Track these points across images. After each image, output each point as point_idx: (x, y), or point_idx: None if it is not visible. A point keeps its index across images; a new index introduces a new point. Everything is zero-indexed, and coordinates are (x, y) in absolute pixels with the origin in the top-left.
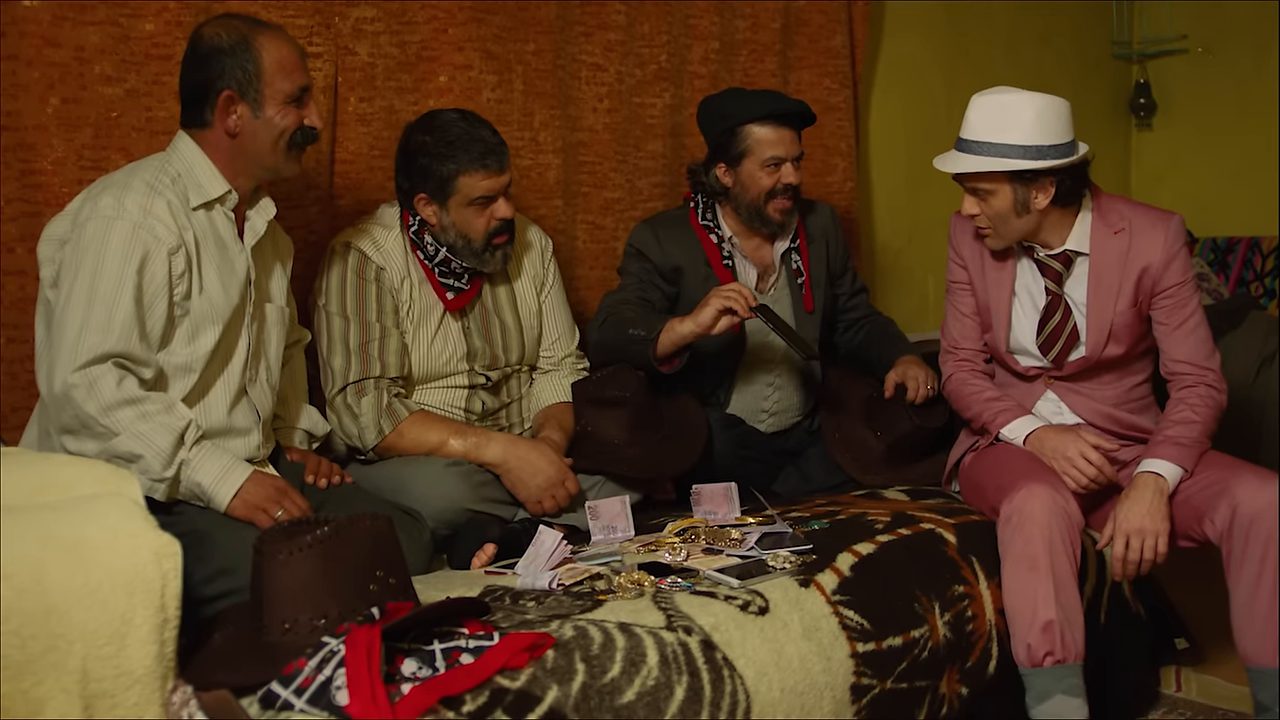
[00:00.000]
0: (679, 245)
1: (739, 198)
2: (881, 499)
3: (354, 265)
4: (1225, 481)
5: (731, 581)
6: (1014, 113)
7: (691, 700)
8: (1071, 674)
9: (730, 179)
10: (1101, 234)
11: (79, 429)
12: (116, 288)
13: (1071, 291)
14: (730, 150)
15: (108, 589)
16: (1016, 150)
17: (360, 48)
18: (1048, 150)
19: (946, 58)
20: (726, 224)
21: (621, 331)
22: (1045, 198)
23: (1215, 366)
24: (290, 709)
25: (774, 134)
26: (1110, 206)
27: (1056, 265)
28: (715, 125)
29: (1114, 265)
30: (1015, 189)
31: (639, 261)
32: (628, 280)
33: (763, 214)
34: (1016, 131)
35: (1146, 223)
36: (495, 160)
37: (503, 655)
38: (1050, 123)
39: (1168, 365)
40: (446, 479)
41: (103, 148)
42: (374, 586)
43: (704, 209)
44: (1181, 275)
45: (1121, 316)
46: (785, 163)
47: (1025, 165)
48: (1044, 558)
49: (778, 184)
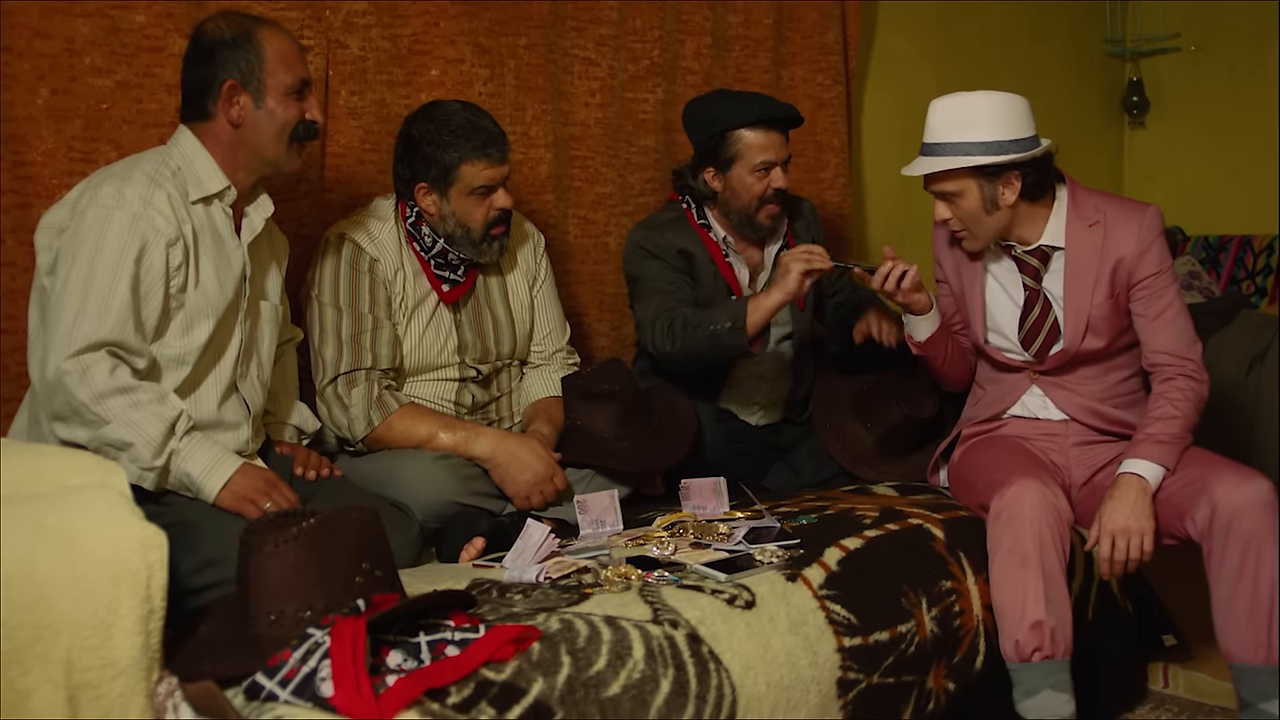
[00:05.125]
0: (683, 238)
1: (729, 203)
2: (870, 494)
3: (348, 256)
4: (1205, 480)
5: (718, 575)
6: (972, 111)
7: (677, 693)
8: (1059, 669)
9: (719, 183)
10: (1077, 227)
11: (70, 416)
12: (113, 277)
13: (1050, 286)
14: (719, 155)
15: (94, 579)
16: (978, 147)
17: (351, 41)
18: (1009, 145)
19: (939, 55)
20: (718, 226)
21: (701, 333)
22: (1012, 193)
23: (1195, 356)
24: (275, 700)
25: (764, 138)
26: (1085, 199)
27: (1033, 261)
28: (703, 130)
29: (1090, 258)
30: (982, 186)
31: (653, 260)
32: (653, 285)
33: (754, 221)
34: (976, 129)
35: (1121, 214)
36: (497, 150)
37: (488, 648)
38: (1008, 118)
39: (1148, 356)
40: (435, 472)
41: (93, 139)
42: (360, 579)
43: (696, 211)
44: (1157, 265)
45: (1099, 309)
46: (775, 167)
47: (987, 160)
48: (1034, 554)
49: (768, 189)
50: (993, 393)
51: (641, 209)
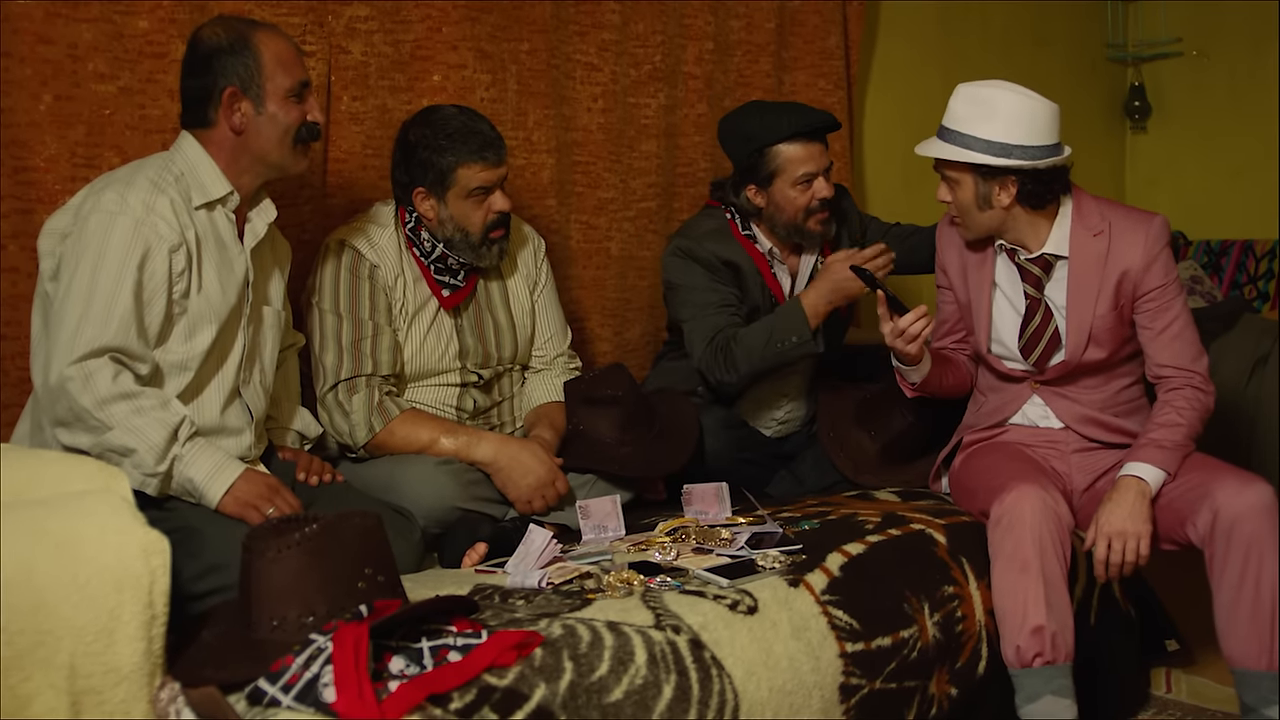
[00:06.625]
0: (727, 249)
1: (774, 218)
2: (872, 499)
3: (348, 263)
4: (1206, 485)
5: (720, 581)
6: (989, 107)
7: (679, 699)
8: (1061, 675)
9: (763, 199)
10: (1081, 236)
11: (73, 422)
12: (116, 282)
13: (1052, 295)
14: (760, 172)
15: (96, 585)
16: (981, 144)
17: (354, 46)
18: (1014, 149)
19: (941, 59)
20: (764, 238)
21: (765, 352)
22: (1007, 196)
23: (1202, 369)
24: (277, 706)
25: (803, 150)
26: (1090, 208)
27: (1035, 269)
28: (740, 148)
29: (1093, 268)
30: (977, 182)
31: (695, 268)
32: (697, 297)
33: (804, 230)
34: (987, 126)
35: (1127, 225)
36: (493, 153)
37: (490, 653)
38: (1025, 123)
39: (1152, 369)
40: (437, 478)
41: (96, 145)
42: (362, 584)
43: (741, 223)
44: (1163, 278)
45: (1102, 320)
46: (817, 177)
47: (984, 160)
48: (1034, 560)
49: (813, 200)
50: (994, 401)
51: (643, 214)
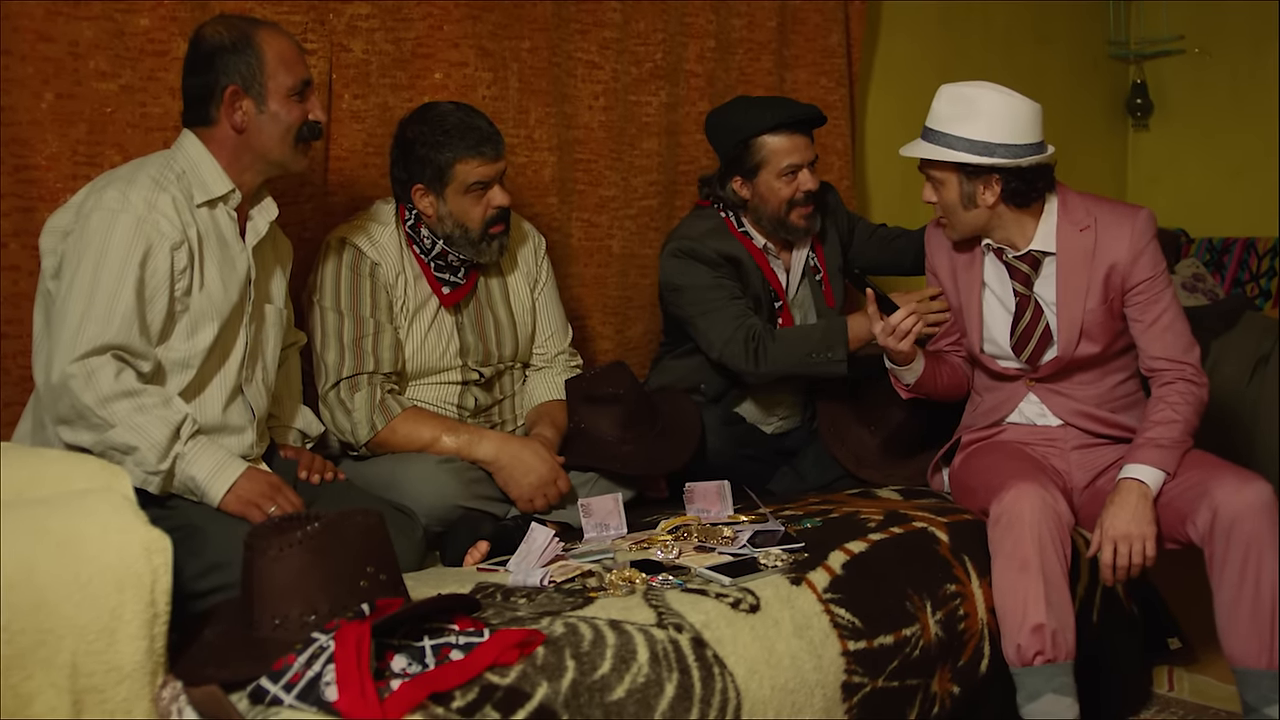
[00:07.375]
0: (728, 245)
1: (759, 210)
2: (874, 498)
3: (349, 261)
4: (1206, 483)
5: (723, 579)
6: (971, 106)
7: (682, 697)
8: (1062, 673)
9: (748, 191)
10: (1067, 232)
11: (75, 419)
12: (118, 280)
13: (1042, 292)
14: (745, 163)
15: (98, 584)
16: (963, 144)
17: (355, 44)
18: (997, 148)
19: (943, 57)
20: (757, 234)
21: (795, 356)
22: (991, 195)
23: (1194, 360)
24: (279, 704)
25: (788, 142)
26: (1076, 204)
27: (1023, 267)
28: (726, 139)
29: (1081, 263)
30: (961, 182)
31: (700, 267)
32: (710, 296)
33: (786, 224)
34: (969, 126)
35: (1112, 219)
36: (491, 148)
37: (493, 652)
38: (1008, 122)
39: (1145, 362)
40: (439, 476)
41: (97, 143)
42: (365, 582)
43: (735, 220)
44: (1151, 270)
45: (1092, 315)
46: (802, 169)
47: (967, 159)
48: (1034, 558)
49: (797, 192)
50: (990, 400)
51: (645, 212)
